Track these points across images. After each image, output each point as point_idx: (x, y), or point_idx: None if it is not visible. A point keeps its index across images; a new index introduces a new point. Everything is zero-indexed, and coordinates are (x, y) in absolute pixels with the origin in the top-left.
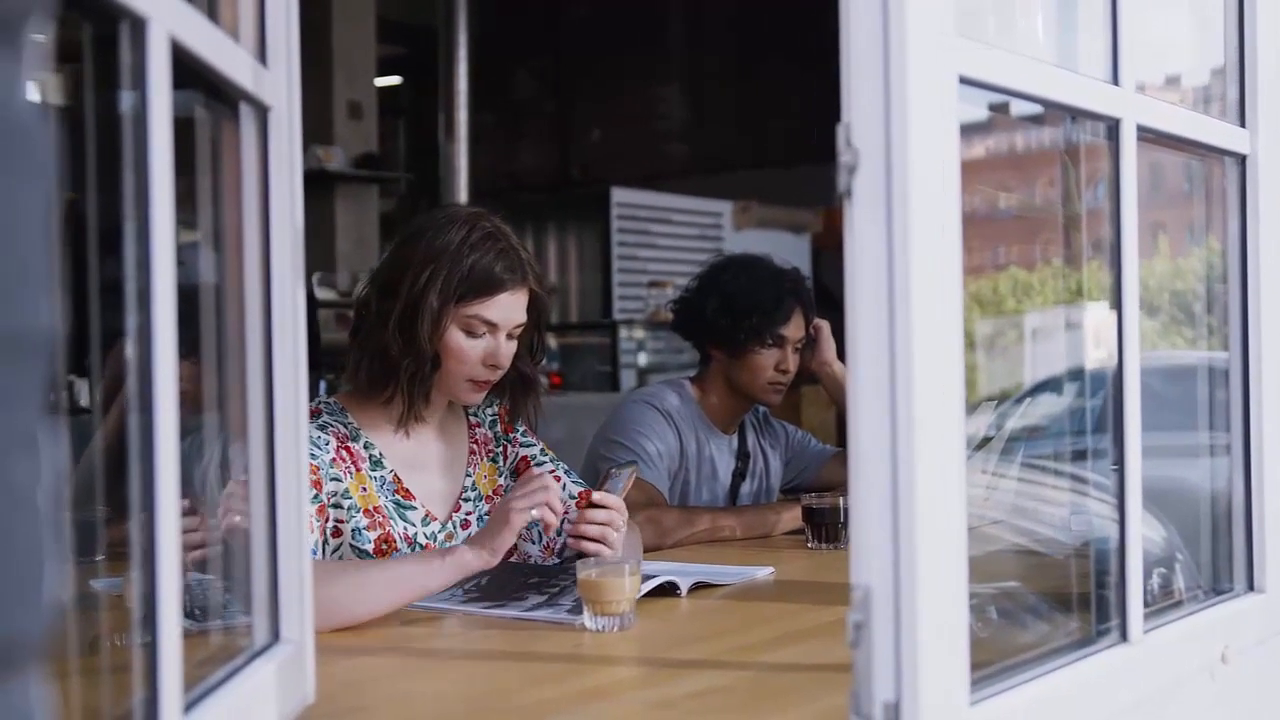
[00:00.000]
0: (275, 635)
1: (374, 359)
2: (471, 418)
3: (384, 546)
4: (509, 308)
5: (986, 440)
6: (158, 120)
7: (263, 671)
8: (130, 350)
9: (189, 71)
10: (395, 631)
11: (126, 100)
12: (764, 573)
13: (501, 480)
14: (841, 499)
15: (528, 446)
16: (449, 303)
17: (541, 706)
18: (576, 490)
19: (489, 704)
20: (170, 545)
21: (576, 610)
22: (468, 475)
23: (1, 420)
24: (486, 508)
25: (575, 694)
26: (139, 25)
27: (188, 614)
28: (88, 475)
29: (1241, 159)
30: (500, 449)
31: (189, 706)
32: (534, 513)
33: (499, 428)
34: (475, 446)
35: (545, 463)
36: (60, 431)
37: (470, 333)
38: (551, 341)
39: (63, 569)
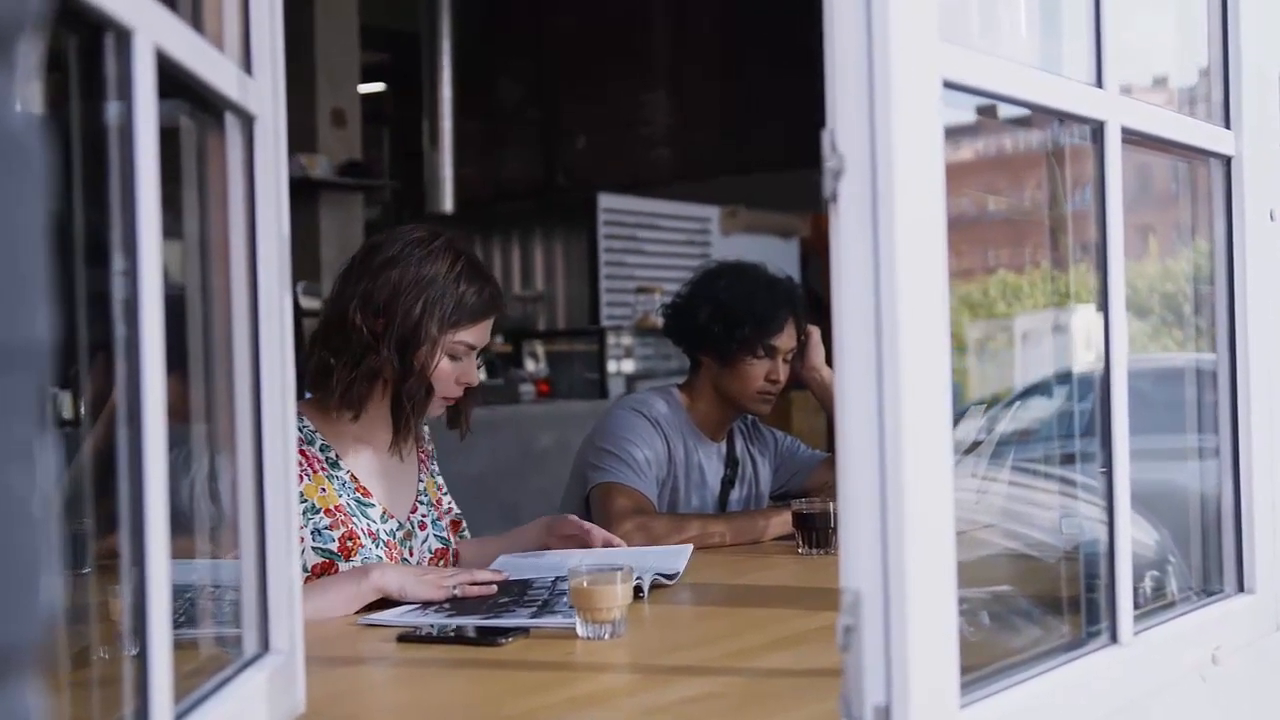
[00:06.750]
0: (265, 645)
1: (364, 379)
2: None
3: (349, 544)
4: (487, 331)
5: (976, 444)
6: (143, 130)
7: (253, 681)
8: (118, 362)
9: (173, 81)
10: (385, 642)
11: (112, 110)
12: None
13: (440, 493)
14: (831, 504)
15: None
16: (445, 331)
17: (534, 714)
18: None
19: (481, 713)
20: (160, 556)
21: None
22: (420, 481)
23: (0, 430)
24: (436, 514)
25: (568, 701)
26: (124, 36)
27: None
28: (76, 488)
29: (1227, 160)
30: (435, 465)
31: (179, 717)
32: (457, 591)
33: (431, 447)
34: (423, 457)
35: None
36: (54, 442)
37: (453, 357)
38: (539, 349)
39: (58, 578)
